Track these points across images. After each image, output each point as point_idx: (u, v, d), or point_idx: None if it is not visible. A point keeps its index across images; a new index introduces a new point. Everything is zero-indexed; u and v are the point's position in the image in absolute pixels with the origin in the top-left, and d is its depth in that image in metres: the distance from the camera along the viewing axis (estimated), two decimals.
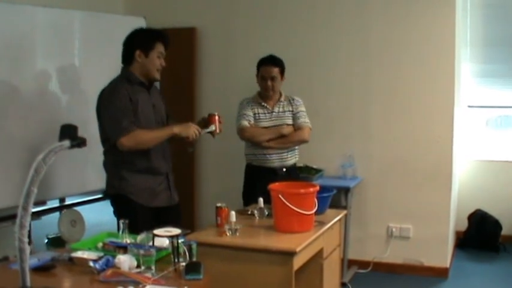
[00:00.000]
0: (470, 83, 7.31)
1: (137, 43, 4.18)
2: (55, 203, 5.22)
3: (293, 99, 5.33)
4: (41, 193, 4.29)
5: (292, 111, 5.26)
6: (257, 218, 4.21)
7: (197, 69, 6.80)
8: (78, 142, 2.46)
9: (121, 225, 3.46)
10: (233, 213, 3.82)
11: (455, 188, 6.60)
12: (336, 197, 5.01)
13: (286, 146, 5.20)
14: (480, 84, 7.34)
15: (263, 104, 5.25)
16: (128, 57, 4.23)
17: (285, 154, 5.22)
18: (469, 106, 7.35)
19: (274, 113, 5.24)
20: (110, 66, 5.00)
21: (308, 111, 5.32)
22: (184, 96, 6.73)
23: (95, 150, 4.73)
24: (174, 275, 2.95)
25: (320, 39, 6.37)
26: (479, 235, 7.02)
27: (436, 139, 5.98)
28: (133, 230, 3.48)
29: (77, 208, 5.02)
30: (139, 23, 5.44)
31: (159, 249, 3.16)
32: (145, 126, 4.12)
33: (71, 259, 3.15)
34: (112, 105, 4.05)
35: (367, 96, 5.24)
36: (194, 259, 3.10)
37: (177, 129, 4.14)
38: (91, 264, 2.98)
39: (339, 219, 4.45)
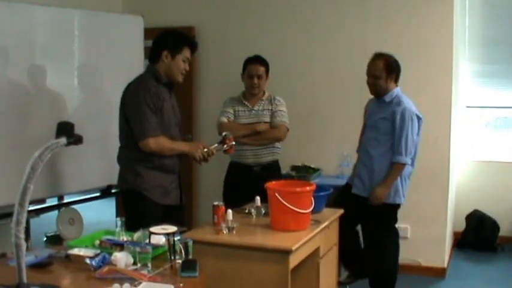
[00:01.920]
0: (469, 83, 7.31)
1: (166, 44, 4.28)
2: (54, 201, 5.23)
3: (274, 99, 5.47)
4: (40, 191, 4.42)
5: (271, 109, 5.41)
6: (254, 216, 4.23)
7: (195, 68, 6.78)
8: (75, 139, 2.50)
9: (118, 223, 3.49)
10: (230, 211, 3.84)
11: (452, 189, 6.62)
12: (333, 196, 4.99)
13: (260, 143, 5.34)
14: (479, 84, 7.34)
15: (244, 102, 5.46)
16: (155, 55, 4.31)
17: (260, 151, 5.37)
18: (467, 106, 7.36)
19: (253, 111, 5.43)
20: (109, 65, 5.07)
21: (303, 110, 5.35)
22: (182, 96, 6.71)
23: (94, 148, 4.85)
24: (170, 273, 2.97)
25: (317, 38, 6.39)
26: (477, 236, 7.02)
27: (434, 139, 5.98)
28: (144, 226, 3.44)
29: (76, 206, 5.03)
30: (137, 21, 5.49)
31: (156, 247, 3.19)
32: (166, 126, 4.25)
33: (68, 256, 3.18)
34: (142, 101, 4.14)
35: (364, 95, 5.25)
36: (190, 257, 3.13)
37: (187, 148, 4.35)
38: (87, 261, 3.01)
39: (336, 218, 4.47)
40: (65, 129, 2.48)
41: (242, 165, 5.40)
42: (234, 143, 4.60)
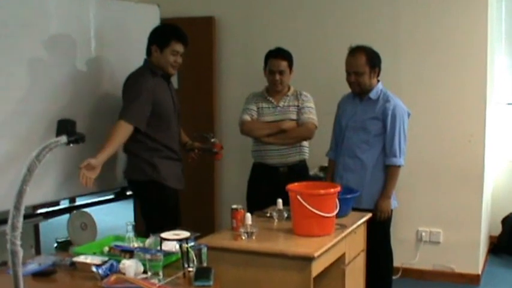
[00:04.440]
0: (508, 78, 7.15)
1: (154, 38, 4.59)
2: (65, 204, 5.15)
3: (301, 94, 5.24)
4: (50, 193, 4.34)
5: (298, 106, 5.18)
6: (276, 220, 4.13)
7: (216, 61, 6.70)
8: (76, 138, 2.39)
9: (128, 228, 3.40)
10: (249, 215, 3.74)
11: (488, 190, 6.48)
12: None
13: (286, 142, 5.12)
14: None
15: (268, 98, 5.22)
16: (147, 49, 4.62)
17: (286, 151, 5.14)
18: (508, 104, 7.18)
19: (278, 108, 5.19)
20: (123, 56, 4.98)
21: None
22: (203, 91, 6.65)
23: None
24: (183, 282, 2.90)
25: (346, 31, 6.22)
26: None
27: (468, 138, 5.85)
28: (164, 214, 4.47)
29: (89, 210, 4.94)
30: (153, 11, 5.43)
31: (168, 254, 3.12)
32: (166, 116, 4.58)
33: (73, 264, 3.11)
34: (134, 93, 4.44)
35: (393, 92, 5.12)
36: (205, 264, 3.03)
37: (102, 157, 4.23)
38: (94, 269, 2.95)
39: (363, 223, 4.36)
40: (66, 127, 2.37)
41: (266, 166, 5.19)
42: (220, 150, 5.00)
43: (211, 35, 6.67)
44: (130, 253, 3.17)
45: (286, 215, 4.10)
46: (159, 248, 3.12)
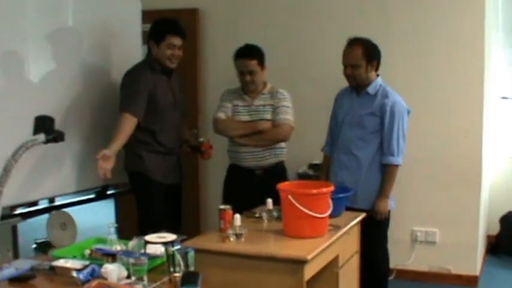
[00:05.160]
0: (503, 71, 7.11)
1: (151, 33, 4.77)
2: (44, 204, 5.06)
3: (277, 92, 5.00)
4: (28, 193, 4.25)
5: (273, 105, 4.96)
6: (265, 221, 4.06)
7: (199, 54, 6.67)
8: (55, 136, 2.32)
9: (110, 230, 3.31)
10: (237, 216, 3.66)
11: (486, 188, 6.44)
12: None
13: (260, 144, 4.93)
14: None
15: (243, 96, 5.03)
16: (148, 45, 4.82)
17: (261, 153, 4.95)
18: (502, 98, 7.14)
19: (253, 106, 4.99)
20: (104, 48, 4.92)
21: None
22: (187, 83, 6.56)
23: (89, 143, 4.73)
24: (169, 287, 2.83)
25: (336, 23, 6.18)
26: None
27: (464, 134, 5.81)
28: (149, 207, 4.70)
29: (69, 209, 4.85)
30: (135, 2, 5.37)
31: (153, 257, 3.05)
32: (160, 110, 4.72)
33: (53, 268, 3.04)
34: (133, 87, 4.62)
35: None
36: (191, 269, 2.94)
37: (115, 148, 4.43)
38: (74, 274, 2.88)
39: (358, 223, 4.29)
40: (44, 124, 2.30)
41: (242, 168, 5.02)
42: (209, 150, 5.07)
43: (195, 27, 6.64)
44: (112, 256, 3.09)
45: (276, 216, 4.04)
46: (143, 251, 3.03)
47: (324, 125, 5.15)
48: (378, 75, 4.80)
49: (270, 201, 4.10)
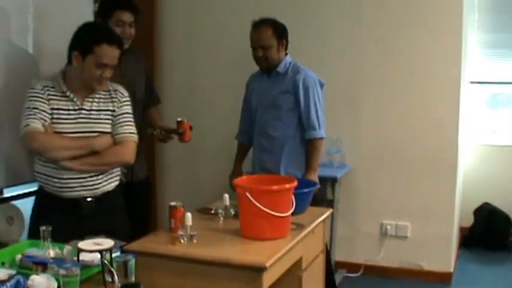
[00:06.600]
0: (476, 55, 7.03)
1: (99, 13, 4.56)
2: None
3: (116, 91, 3.76)
4: None
5: (114, 111, 3.70)
6: (221, 218, 3.79)
7: (157, 33, 6.51)
8: None
9: (42, 233, 2.99)
10: (189, 215, 3.34)
11: (460, 179, 6.33)
12: (320, 189, 4.85)
13: (97, 169, 3.64)
14: (487, 56, 7.10)
15: (69, 94, 3.59)
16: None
17: (94, 179, 3.65)
18: (471, 82, 7.03)
19: (83, 111, 3.60)
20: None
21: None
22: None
23: None
24: None
25: (307, 11, 6.01)
26: (487, 233, 6.85)
27: (439, 122, 5.69)
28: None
29: (17, 202, 4.57)
30: None
31: (87, 267, 2.74)
32: None
33: None
34: None
35: (357, 72, 4.94)
36: (132, 279, 2.64)
37: None
38: None
39: (323, 220, 4.01)
40: None
41: (62, 200, 3.63)
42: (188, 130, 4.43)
43: (153, 4, 6.45)
44: (43, 266, 2.79)
45: (233, 212, 3.77)
46: (76, 258, 2.72)
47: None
48: (286, 54, 4.87)
49: (226, 196, 3.84)
